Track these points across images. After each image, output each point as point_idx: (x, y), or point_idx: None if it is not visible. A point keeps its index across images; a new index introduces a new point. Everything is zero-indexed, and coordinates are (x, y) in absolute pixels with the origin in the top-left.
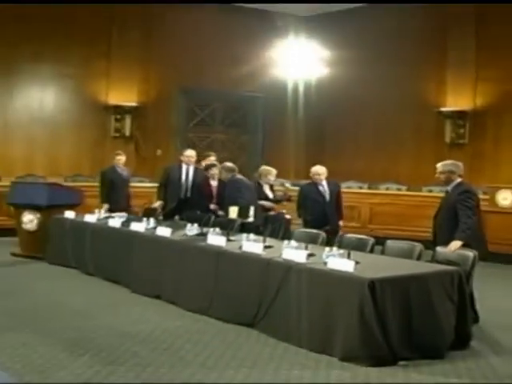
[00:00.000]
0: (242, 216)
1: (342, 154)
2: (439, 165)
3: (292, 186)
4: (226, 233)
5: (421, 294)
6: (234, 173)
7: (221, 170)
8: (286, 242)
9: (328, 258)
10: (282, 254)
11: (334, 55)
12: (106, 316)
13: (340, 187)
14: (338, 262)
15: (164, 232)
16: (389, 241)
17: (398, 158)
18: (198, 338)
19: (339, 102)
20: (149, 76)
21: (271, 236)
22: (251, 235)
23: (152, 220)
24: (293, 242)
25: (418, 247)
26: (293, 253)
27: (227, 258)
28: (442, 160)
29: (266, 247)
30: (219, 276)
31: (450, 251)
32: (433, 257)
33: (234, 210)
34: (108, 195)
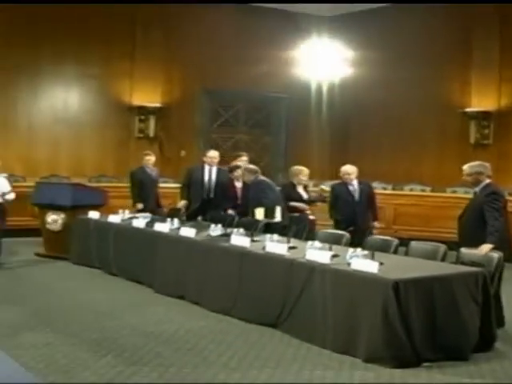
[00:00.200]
0: (269, 217)
1: (366, 154)
2: (466, 167)
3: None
4: (249, 233)
5: (445, 295)
6: (256, 174)
7: (243, 172)
8: (310, 242)
9: (352, 258)
10: (306, 254)
11: (358, 55)
12: (130, 316)
13: (372, 188)
14: (362, 262)
15: (188, 232)
16: (413, 242)
17: (422, 158)
18: (221, 339)
19: (363, 103)
20: (172, 76)
21: (295, 237)
22: (275, 236)
23: (176, 220)
24: (316, 242)
25: (442, 248)
26: (316, 253)
27: (251, 258)
28: (467, 161)
29: (289, 248)
30: (243, 276)
31: (480, 254)
32: (457, 258)
33: (259, 212)
34: (138, 195)
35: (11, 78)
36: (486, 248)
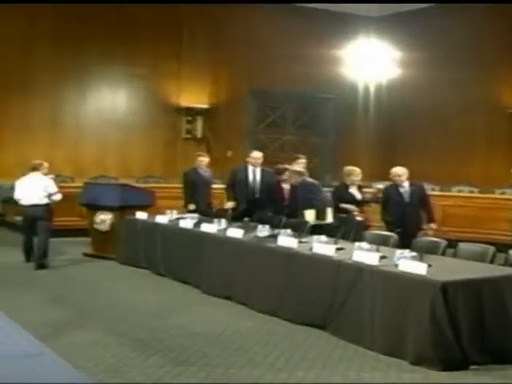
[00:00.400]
0: (320, 218)
1: (413, 155)
2: None
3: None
4: (297, 234)
5: (493, 297)
6: (303, 176)
7: (290, 174)
8: (357, 244)
9: (399, 260)
10: (353, 255)
11: (405, 56)
12: (177, 316)
13: (425, 190)
14: (410, 264)
15: (235, 233)
16: (461, 244)
17: (469, 159)
18: (267, 339)
19: (410, 104)
20: (219, 77)
21: (343, 238)
22: (322, 237)
23: (223, 221)
24: (364, 244)
25: (491, 250)
26: (364, 255)
27: (298, 259)
28: None
29: (337, 249)
30: (290, 277)
31: None
32: (506, 260)
33: (310, 213)
34: (191, 196)
35: (59, 78)
36: None
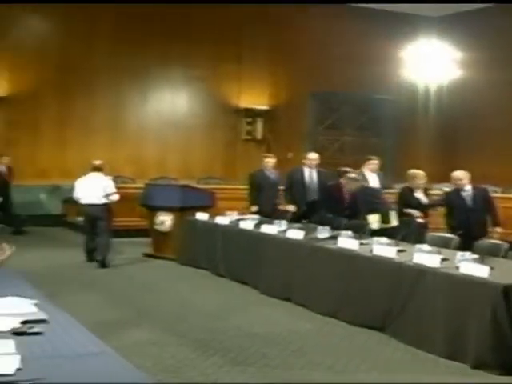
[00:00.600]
0: (385, 222)
1: (474, 157)
2: None
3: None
4: (357, 236)
5: None
6: (359, 182)
7: (346, 182)
8: (418, 246)
9: (461, 262)
10: (414, 258)
11: (467, 57)
12: (236, 317)
13: (489, 193)
14: (472, 266)
15: (295, 234)
16: None
17: None
18: (327, 341)
19: (471, 105)
20: (279, 79)
21: (403, 240)
22: (383, 239)
23: (283, 222)
24: (425, 246)
25: None
26: (425, 257)
27: (358, 261)
28: None
29: (398, 251)
30: (350, 279)
31: None
32: None
33: (373, 217)
34: (256, 198)
35: (121, 79)
36: None
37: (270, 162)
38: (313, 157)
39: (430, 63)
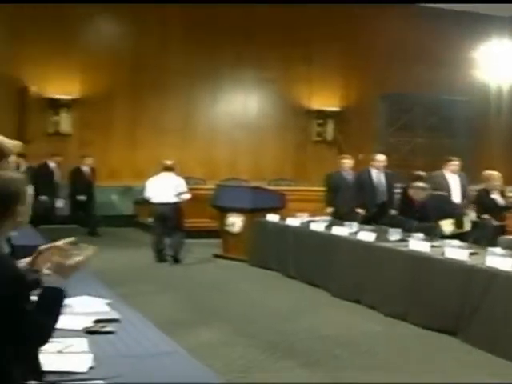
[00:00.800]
0: (458, 227)
1: None
2: None
3: None
4: (428, 238)
5: None
6: (427, 190)
7: (415, 191)
8: (491, 249)
9: None
10: (486, 261)
11: None
12: (306, 319)
13: None
14: None
15: (366, 236)
16: None
17: None
18: (396, 343)
19: None
20: (350, 80)
21: (476, 243)
22: (455, 241)
23: (355, 224)
24: (498, 249)
25: None
26: (498, 260)
27: (429, 263)
28: None
29: (470, 254)
30: (420, 281)
31: None
32: None
33: (447, 223)
34: (333, 199)
35: (192, 81)
36: None
37: (347, 163)
38: (381, 158)
39: (502, 63)
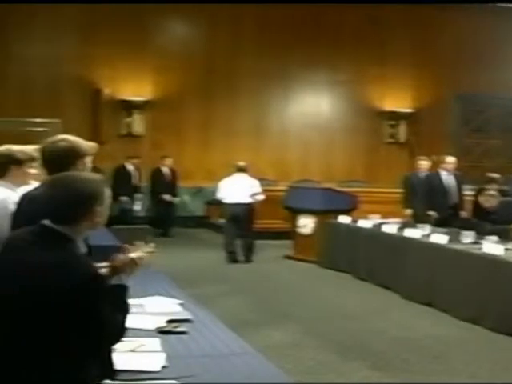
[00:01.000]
0: None
1: None
2: None
3: None
4: (502, 241)
5: None
6: (498, 197)
7: (486, 199)
8: None
9: None
10: None
11: None
12: (376, 321)
13: None
14: None
15: (439, 239)
16: None
17: None
18: (469, 348)
19: None
20: (423, 81)
21: None
22: None
23: (427, 226)
24: None
25: None
26: None
27: (504, 266)
28: None
29: None
30: (494, 285)
31: None
32: None
33: None
34: (411, 201)
35: (264, 82)
36: None
37: (424, 164)
38: (451, 160)
39: None
